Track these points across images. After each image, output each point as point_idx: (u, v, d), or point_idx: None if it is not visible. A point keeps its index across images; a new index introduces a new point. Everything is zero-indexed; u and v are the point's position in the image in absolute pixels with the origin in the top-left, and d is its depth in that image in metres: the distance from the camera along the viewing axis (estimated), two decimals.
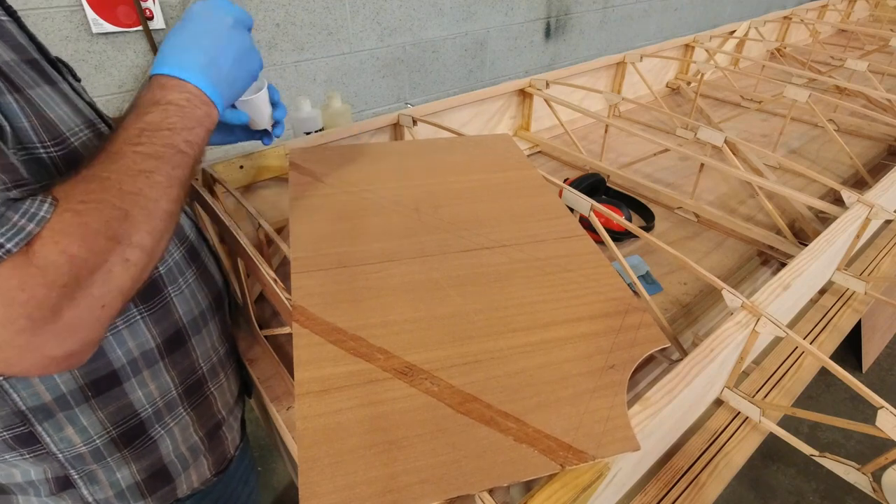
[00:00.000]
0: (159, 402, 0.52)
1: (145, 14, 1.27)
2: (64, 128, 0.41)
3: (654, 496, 0.57)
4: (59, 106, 0.41)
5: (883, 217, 0.77)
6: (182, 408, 0.55)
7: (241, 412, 0.65)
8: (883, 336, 1.68)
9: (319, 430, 0.40)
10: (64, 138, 0.40)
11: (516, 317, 0.51)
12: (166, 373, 0.52)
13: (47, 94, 0.41)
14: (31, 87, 0.39)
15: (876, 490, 0.53)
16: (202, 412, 0.57)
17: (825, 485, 1.45)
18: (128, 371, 0.48)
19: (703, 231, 0.97)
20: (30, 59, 0.41)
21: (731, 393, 0.65)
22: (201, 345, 0.56)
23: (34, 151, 0.38)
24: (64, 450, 0.47)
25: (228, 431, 0.62)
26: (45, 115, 0.39)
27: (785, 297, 0.60)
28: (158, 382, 0.51)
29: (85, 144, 0.43)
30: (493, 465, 0.38)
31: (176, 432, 0.55)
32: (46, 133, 0.39)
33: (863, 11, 2.51)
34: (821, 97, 1.12)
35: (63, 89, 0.43)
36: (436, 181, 0.72)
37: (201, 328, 0.55)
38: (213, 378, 0.58)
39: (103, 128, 0.46)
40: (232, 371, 0.63)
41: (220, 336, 0.59)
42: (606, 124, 1.13)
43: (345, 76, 1.69)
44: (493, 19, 1.96)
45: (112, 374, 0.47)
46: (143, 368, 0.49)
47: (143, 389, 0.50)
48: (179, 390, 0.54)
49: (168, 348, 0.51)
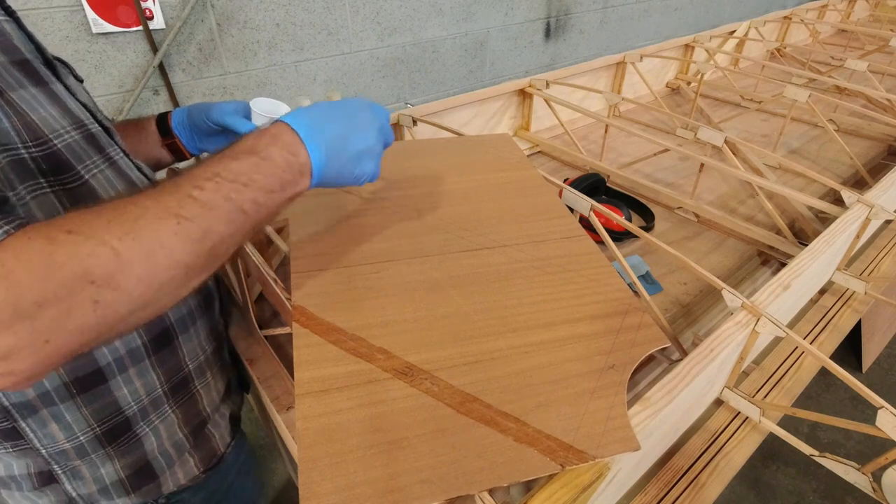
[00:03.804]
0: (145, 400, 0.52)
1: (145, 14, 1.27)
2: (47, 129, 0.41)
3: (655, 496, 0.57)
4: (45, 107, 0.41)
5: (883, 217, 0.77)
6: (168, 405, 0.55)
7: (229, 409, 0.65)
8: (883, 336, 1.68)
9: (319, 430, 0.40)
10: (46, 139, 0.40)
11: (516, 317, 0.51)
12: (152, 370, 0.52)
13: (32, 95, 0.41)
14: (15, 90, 0.39)
15: (876, 490, 0.53)
16: (187, 410, 0.57)
17: (825, 485, 1.45)
18: (113, 368, 0.48)
19: (703, 231, 0.97)
20: (20, 61, 0.41)
21: (731, 393, 0.65)
22: (188, 343, 0.55)
23: (15, 151, 0.38)
24: (48, 445, 0.48)
25: (215, 429, 0.62)
26: (27, 117, 0.39)
27: (785, 297, 0.60)
28: (144, 380, 0.51)
29: (70, 146, 0.42)
30: (494, 465, 0.38)
31: (161, 430, 0.54)
32: (28, 133, 0.39)
33: (863, 11, 2.51)
34: (821, 97, 1.12)
35: (54, 90, 0.43)
36: (436, 181, 0.72)
37: (189, 327, 0.55)
38: (200, 376, 0.58)
39: (94, 128, 0.46)
40: (218, 369, 0.63)
41: (207, 335, 0.59)
42: (606, 124, 1.13)
43: (345, 76, 1.69)
44: (493, 19, 1.96)
45: (97, 372, 0.47)
46: (129, 366, 0.49)
47: (128, 387, 0.50)
48: (165, 388, 0.54)
49: (155, 346, 0.51)
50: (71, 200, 0.42)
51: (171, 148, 0.67)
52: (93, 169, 0.45)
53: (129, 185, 0.48)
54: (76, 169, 0.43)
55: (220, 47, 1.42)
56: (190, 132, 0.66)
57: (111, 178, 0.46)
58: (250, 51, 1.47)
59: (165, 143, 0.66)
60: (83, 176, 0.43)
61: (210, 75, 1.44)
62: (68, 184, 0.42)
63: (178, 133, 0.66)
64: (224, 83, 1.47)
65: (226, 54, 1.43)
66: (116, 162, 0.48)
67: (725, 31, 1.75)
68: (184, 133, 0.66)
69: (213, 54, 1.41)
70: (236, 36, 1.43)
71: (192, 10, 1.32)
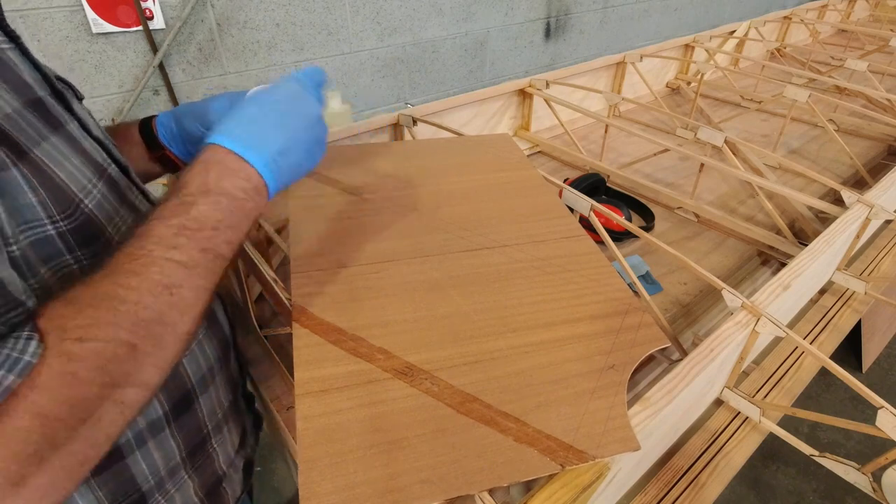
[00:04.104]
0: (162, 472, 0.47)
1: (145, 14, 1.27)
2: (76, 187, 0.36)
3: (655, 496, 0.57)
4: (68, 159, 0.36)
5: (883, 217, 0.77)
6: (184, 472, 0.50)
7: (243, 459, 0.59)
8: (883, 336, 1.68)
9: (319, 430, 0.40)
10: (76, 205, 0.36)
11: (516, 317, 0.51)
12: (172, 439, 0.47)
13: (54, 146, 0.36)
14: (37, 144, 0.34)
15: (876, 490, 0.53)
16: (203, 471, 0.52)
17: (825, 485, 1.45)
18: (132, 445, 0.44)
19: (703, 231, 0.97)
20: (33, 101, 0.36)
21: (731, 393, 0.65)
22: (208, 402, 0.51)
23: (42, 229, 0.33)
24: None
25: (229, 485, 0.57)
26: (54, 180, 0.34)
27: (785, 297, 0.60)
28: (163, 451, 0.46)
29: (100, 204, 0.38)
30: (494, 465, 0.38)
31: (176, 498, 0.49)
32: (56, 205, 0.34)
33: (863, 11, 2.51)
34: (821, 97, 1.12)
35: (70, 131, 0.38)
36: (436, 181, 0.72)
37: (209, 384, 0.50)
38: (217, 434, 0.53)
39: (112, 170, 0.41)
40: (234, 419, 0.57)
41: (225, 386, 0.54)
42: (606, 124, 1.13)
43: (345, 76, 1.70)
44: (493, 19, 1.96)
45: (115, 451, 0.42)
46: (148, 439, 0.45)
47: (146, 461, 0.45)
48: (183, 454, 0.49)
49: (175, 413, 0.47)
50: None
51: (162, 160, 0.59)
52: (121, 227, 0.40)
53: None
54: (107, 233, 0.38)
55: (220, 47, 1.42)
56: (183, 143, 0.58)
57: None
58: (250, 51, 1.47)
59: (155, 157, 0.58)
60: (112, 238, 0.38)
61: (210, 75, 1.44)
62: (99, 253, 0.37)
63: (167, 145, 0.58)
64: (224, 83, 1.47)
65: (226, 54, 1.43)
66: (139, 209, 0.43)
67: (725, 31, 1.75)
68: (176, 145, 0.58)
69: (213, 54, 1.41)
70: (236, 36, 1.43)
71: (192, 10, 1.32)
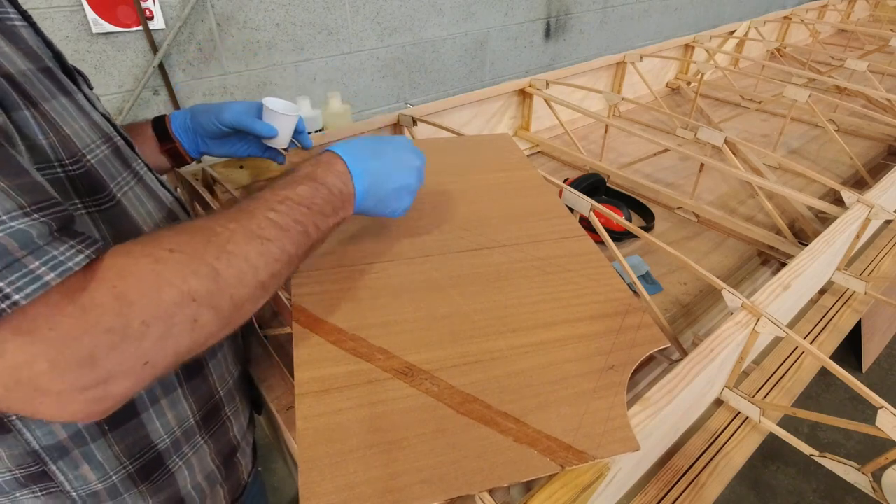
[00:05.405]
0: (177, 432, 0.49)
1: (145, 14, 1.27)
2: (80, 143, 0.38)
3: (655, 496, 0.57)
4: (76, 120, 0.39)
5: (883, 217, 0.77)
6: (200, 436, 0.52)
7: (252, 435, 0.63)
8: (883, 336, 1.68)
9: (319, 430, 0.40)
10: (81, 155, 0.38)
11: (516, 317, 0.51)
12: (184, 400, 0.49)
13: (63, 106, 0.38)
14: (47, 100, 0.37)
15: (876, 490, 0.53)
16: (219, 438, 0.55)
17: (825, 485, 1.45)
18: (145, 401, 0.46)
19: (703, 231, 0.97)
20: (45, 68, 0.38)
21: (731, 393, 0.65)
22: (217, 369, 0.53)
23: (52, 172, 0.36)
24: (79, 488, 0.45)
25: (242, 457, 0.60)
26: (62, 131, 0.37)
27: (785, 297, 0.60)
28: (177, 411, 0.49)
29: (102, 162, 0.40)
30: (494, 465, 0.38)
31: (194, 462, 0.52)
32: (64, 150, 0.36)
33: (863, 11, 2.51)
34: (821, 97, 1.12)
35: (78, 100, 0.41)
36: (436, 181, 0.72)
37: (217, 351, 0.53)
38: (230, 402, 0.56)
39: (119, 141, 0.44)
40: (244, 394, 0.60)
41: (234, 359, 0.57)
42: (606, 124, 1.13)
43: (345, 76, 1.69)
44: (493, 19, 1.96)
45: (130, 405, 0.45)
46: (161, 397, 0.47)
47: (161, 419, 0.48)
48: (197, 417, 0.51)
49: (186, 375, 0.49)
50: (106, 222, 0.40)
51: (171, 152, 0.65)
52: (124, 186, 0.43)
53: (157, 203, 0.46)
54: (109, 188, 0.41)
55: (220, 47, 1.42)
56: (194, 135, 0.65)
57: (141, 197, 0.45)
58: (250, 51, 1.47)
59: (165, 149, 0.65)
60: (116, 195, 0.41)
61: (210, 75, 1.44)
62: (103, 204, 0.40)
63: (178, 137, 0.65)
64: (224, 83, 1.47)
65: (226, 54, 1.43)
66: (143, 177, 0.46)
67: (725, 31, 1.75)
68: (186, 137, 0.65)
69: (213, 54, 1.41)
70: (236, 36, 1.43)
71: (192, 10, 1.32)
